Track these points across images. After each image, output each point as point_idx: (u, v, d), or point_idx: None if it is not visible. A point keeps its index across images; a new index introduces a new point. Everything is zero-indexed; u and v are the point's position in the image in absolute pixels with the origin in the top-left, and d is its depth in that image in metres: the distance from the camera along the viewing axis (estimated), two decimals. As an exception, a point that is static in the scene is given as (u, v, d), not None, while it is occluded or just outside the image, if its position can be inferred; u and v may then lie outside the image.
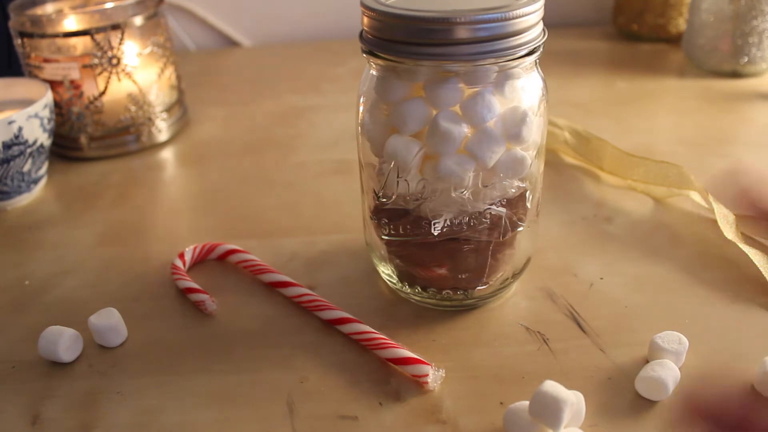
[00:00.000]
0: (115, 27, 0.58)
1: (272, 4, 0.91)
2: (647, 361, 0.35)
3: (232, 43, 0.93)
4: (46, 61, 0.58)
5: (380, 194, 0.36)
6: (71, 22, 0.58)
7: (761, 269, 0.40)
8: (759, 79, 0.70)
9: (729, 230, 0.43)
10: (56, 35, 0.57)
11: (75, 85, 0.59)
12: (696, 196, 0.47)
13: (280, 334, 0.39)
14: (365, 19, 0.34)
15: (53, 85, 0.59)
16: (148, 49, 0.61)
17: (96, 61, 0.58)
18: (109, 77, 0.59)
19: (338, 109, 0.69)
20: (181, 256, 0.44)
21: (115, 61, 0.59)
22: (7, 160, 0.51)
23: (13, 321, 0.41)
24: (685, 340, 0.34)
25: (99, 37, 0.57)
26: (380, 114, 0.35)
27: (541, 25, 0.34)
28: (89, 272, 0.45)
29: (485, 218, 0.35)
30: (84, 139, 0.61)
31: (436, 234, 0.35)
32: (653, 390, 0.33)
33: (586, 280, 0.42)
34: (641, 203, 0.49)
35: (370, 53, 0.34)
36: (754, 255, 0.41)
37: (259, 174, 0.57)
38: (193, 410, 0.34)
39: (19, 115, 0.51)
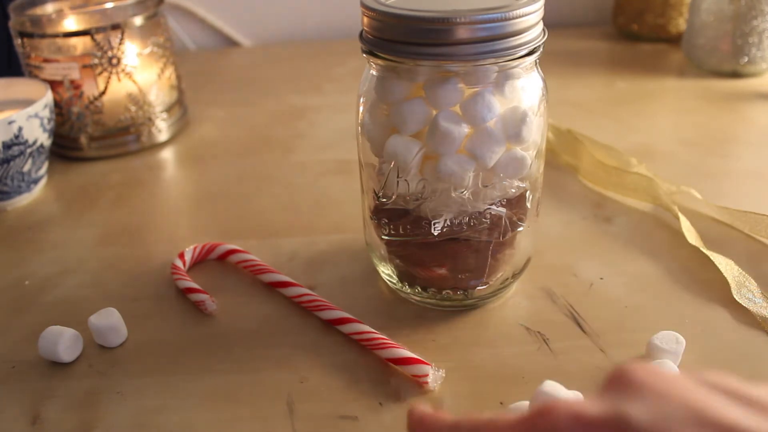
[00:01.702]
0: (115, 27, 0.58)
1: (272, 4, 0.91)
2: (647, 362, 0.35)
3: (232, 43, 0.93)
4: (46, 61, 0.58)
5: (380, 194, 0.36)
6: (71, 22, 0.58)
7: (724, 273, 0.40)
8: (759, 79, 0.70)
9: (692, 238, 0.44)
10: (56, 35, 0.57)
11: (75, 85, 0.59)
12: (696, 194, 0.48)
13: (280, 334, 0.39)
14: (365, 19, 0.34)
15: (53, 85, 0.59)
16: (148, 49, 0.61)
17: (96, 61, 0.58)
18: (109, 77, 0.59)
19: (338, 109, 0.69)
20: (181, 256, 0.44)
21: (115, 61, 0.59)
22: (7, 160, 0.51)
23: (13, 321, 0.41)
24: (682, 339, 0.34)
25: (99, 37, 0.57)
26: (380, 114, 0.35)
27: (541, 25, 0.34)
28: (89, 272, 0.45)
29: (485, 218, 0.35)
30: (84, 139, 0.61)
31: (436, 234, 0.35)
32: (653, 390, 0.33)
33: (586, 280, 0.42)
34: (641, 203, 0.49)
35: (370, 53, 0.34)
36: (717, 260, 0.41)
37: (259, 174, 0.57)
38: (193, 410, 0.34)
39: (19, 115, 0.51)
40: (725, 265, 0.41)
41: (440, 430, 0.24)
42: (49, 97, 0.54)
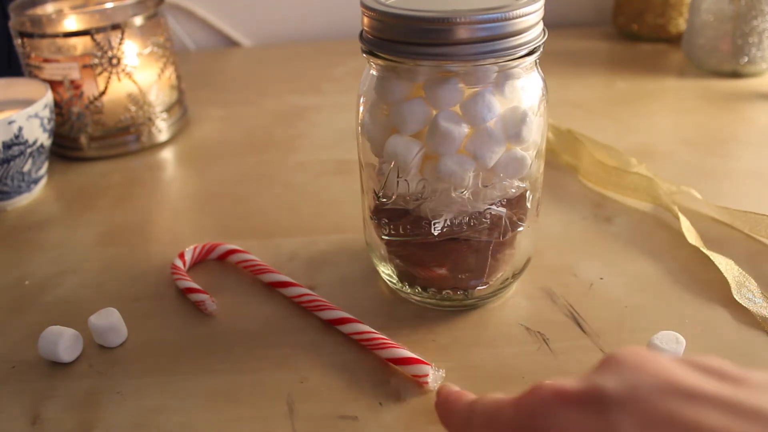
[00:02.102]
0: (115, 27, 0.58)
1: (272, 4, 0.91)
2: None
3: (232, 43, 0.93)
4: (46, 61, 0.58)
5: (380, 194, 0.36)
6: (71, 22, 0.58)
7: (724, 273, 0.40)
8: (759, 79, 0.70)
9: (692, 238, 0.44)
10: (56, 35, 0.57)
11: (75, 85, 0.59)
12: (696, 194, 0.48)
13: (280, 334, 0.39)
14: (365, 19, 0.34)
15: (53, 85, 0.59)
16: (148, 49, 0.61)
17: (96, 61, 0.58)
18: (109, 77, 0.59)
19: (338, 109, 0.69)
20: (181, 256, 0.44)
21: (115, 61, 0.59)
22: (7, 160, 0.51)
23: (13, 321, 0.41)
24: (682, 339, 0.34)
25: (99, 37, 0.57)
26: (380, 114, 0.35)
27: (541, 25, 0.34)
28: (89, 272, 0.45)
29: (485, 218, 0.35)
30: (84, 139, 0.61)
31: (436, 234, 0.35)
32: (653, 390, 0.33)
33: (586, 280, 0.42)
34: (641, 203, 0.49)
35: (370, 53, 0.34)
36: (717, 260, 0.41)
37: (259, 174, 0.57)
38: (193, 410, 0.34)
39: (19, 115, 0.51)
40: (725, 265, 0.41)
41: (459, 408, 0.27)
42: (49, 97, 0.54)
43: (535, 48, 0.33)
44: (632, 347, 0.22)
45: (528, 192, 0.37)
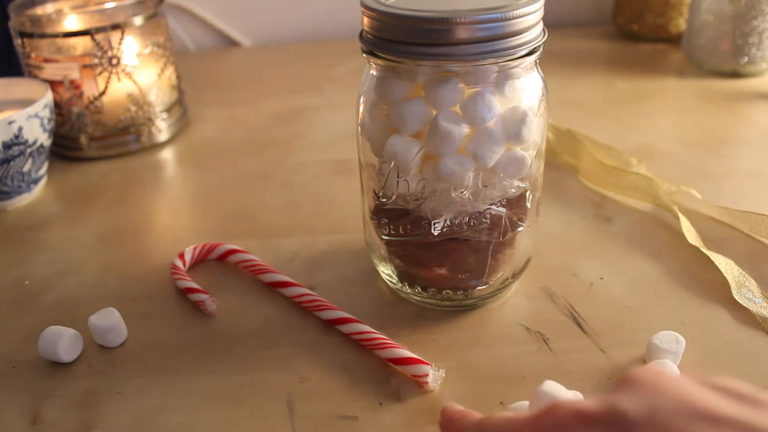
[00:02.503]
0: (115, 27, 0.58)
1: (272, 4, 0.91)
2: (645, 363, 0.35)
3: (232, 43, 0.93)
4: (46, 61, 0.58)
5: (380, 194, 0.36)
6: (71, 22, 0.58)
7: (724, 273, 0.40)
8: (759, 79, 0.70)
9: (692, 238, 0.44)
10: (56, 35, 0.57)
11: (75, 85, 0.59)
12: (696, 194, 0.48)
13: (280, 334, 0.39)
14: (365, 19, 0.34)
15: (53, 85, 0.58)
16: (148, 49, 0.61)
17: (96, 61, 0.58)
18: (109, 77, 0.59)
19: (338, 109, 0.69)
20: (181, 256, 0.44)
21: (115, 61, 0.59)
22: (7, 160, 0.51)
23: (13, 321, 0.41)
24: (682, 339, 0.34)
25: (99, 37, 0.57)
26: (380, 114, 0.35)
27: (541, 25, 0.34)
28: (89, 272, 0.45)
29: (485, 218, 0.35)
30: (84, 139, 0.61)
31: (436, 234, 0.35)
32: (653, 390, 0.33)
33: (586, 280, 0.42)
34: (641, 203, 0.49)
35: (370, 53, 0.34)
36: (717, 260, 0.41)
37: (259, 174, 0.57)
38: (193, 410, 0.34)
39: (19, 115, 0.51)
40: (725, 265, 0.41)
41: (466, 427, 0.26)
42: (49, 97, 0.54)
43: (535, 48, 0.33)
44: (650, 367, 0.22)
45: (528, 192, 0.37)
